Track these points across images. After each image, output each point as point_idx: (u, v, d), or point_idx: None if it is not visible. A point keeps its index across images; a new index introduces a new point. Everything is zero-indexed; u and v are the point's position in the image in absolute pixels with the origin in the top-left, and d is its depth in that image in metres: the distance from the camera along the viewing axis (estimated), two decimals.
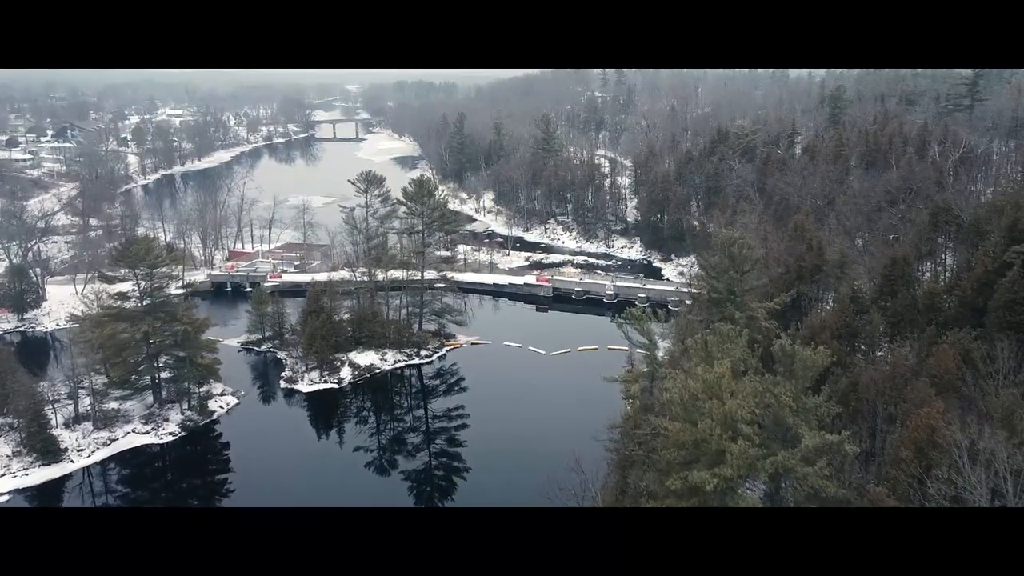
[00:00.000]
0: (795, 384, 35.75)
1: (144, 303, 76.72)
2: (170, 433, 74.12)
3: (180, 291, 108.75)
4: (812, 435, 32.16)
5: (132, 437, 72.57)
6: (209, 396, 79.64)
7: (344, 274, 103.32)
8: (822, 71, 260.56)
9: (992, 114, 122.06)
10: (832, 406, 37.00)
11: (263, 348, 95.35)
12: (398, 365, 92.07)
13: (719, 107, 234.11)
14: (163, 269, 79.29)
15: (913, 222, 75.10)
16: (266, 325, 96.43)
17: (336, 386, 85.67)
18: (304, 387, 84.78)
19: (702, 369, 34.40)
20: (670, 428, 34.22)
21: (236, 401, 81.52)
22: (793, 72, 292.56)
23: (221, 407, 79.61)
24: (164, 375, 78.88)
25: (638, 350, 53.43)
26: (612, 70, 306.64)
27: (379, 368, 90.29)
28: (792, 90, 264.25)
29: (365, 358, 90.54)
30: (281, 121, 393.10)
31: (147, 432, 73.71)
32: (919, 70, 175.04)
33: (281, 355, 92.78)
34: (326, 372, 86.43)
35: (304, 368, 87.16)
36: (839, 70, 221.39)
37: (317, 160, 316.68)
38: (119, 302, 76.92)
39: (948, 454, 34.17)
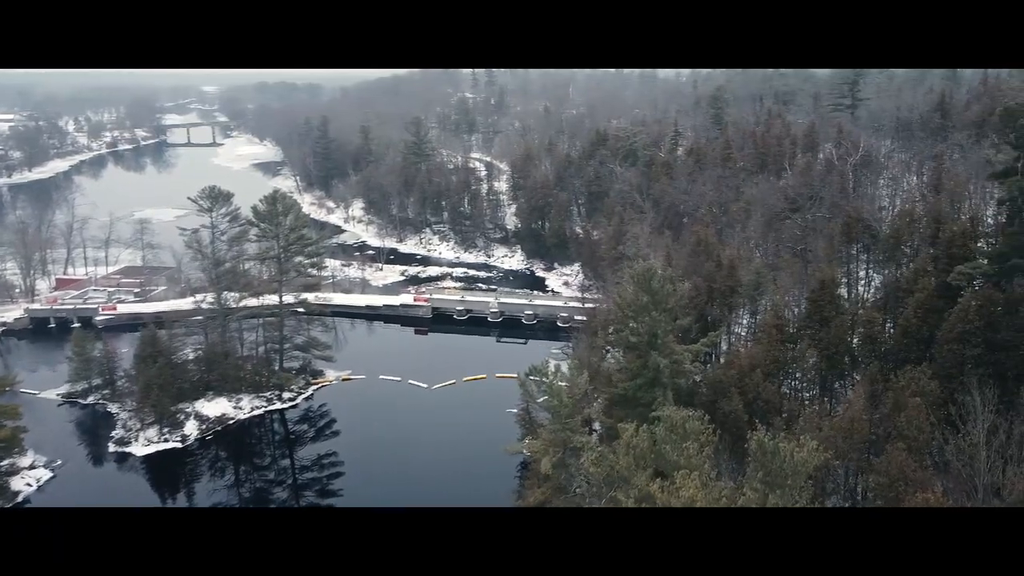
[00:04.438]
0: (783, 494, 27.24)
1: None
2: None
3: None
4: None
5: None
6: (13, 472, 64.30)
7: (188, 303, 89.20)
8: (687, 71, 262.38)
9: (875, 114, 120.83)
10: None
11: (90, 400, 79.91)
12: (256, 412, 79.11)
13: (593, 108, 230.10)
14: None
15: (821, 232, 69.62)
16: (93, 371, 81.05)
17: (180, 444, 71.95)
18: (139, 449, 70.63)
19: (658, 487, 25.23)
20: None
21: (50, 475, 66.40)
22: (662, 72, 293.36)
23: (29, 484, 64.38)
24: None
25: (544, 412, 44.04)
26: (482, 70, 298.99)
27: (233, 418, 77.11)
28: (663, 90, 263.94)
29: (216, 407, 77.10)
30: (128, 126, 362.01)
31: None
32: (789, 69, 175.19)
33: (113, 408, 77.81)
34: (167, 428, 72.55)
35: (139, 425, 72.85)
36: (707, 69, 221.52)
37: (169, 168, 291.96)
38: None
39: None
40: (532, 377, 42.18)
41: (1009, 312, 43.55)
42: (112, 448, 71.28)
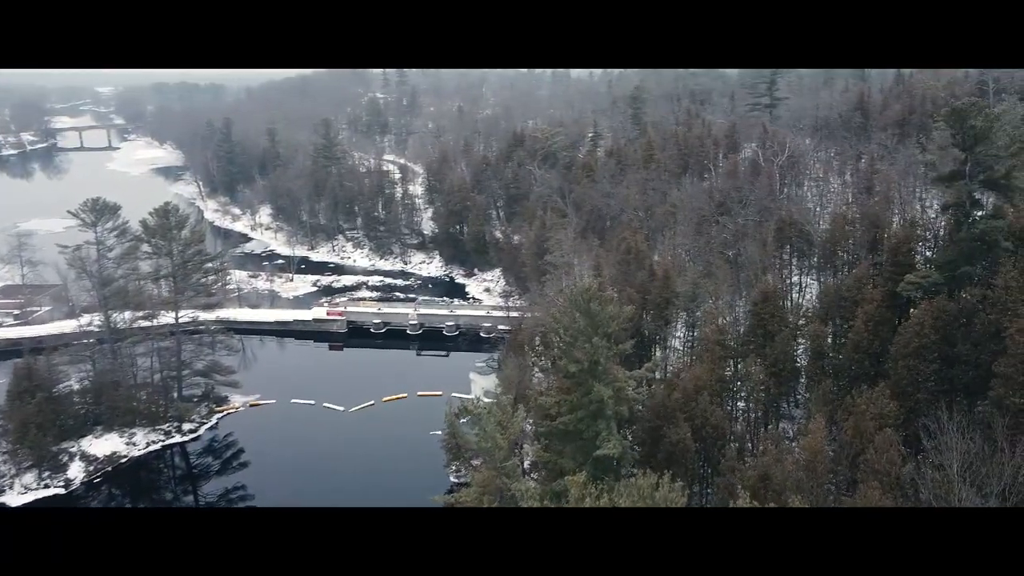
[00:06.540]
0: None
1: None
2: None
3: None
4: None
5: None
6: None
7: (75, 325, 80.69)
8: (599, 71, 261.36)
9: (795, 113, 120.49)
10: None
11: None
12: (153, 447, 71.75)
13: (508, 108, 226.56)
14: None
15: (752, 236, 67.12)
16: None
17: (63, 490, 64.02)
18: (14, 498, 62.34)
19: None
20: None
21: None
22: (575, 72, 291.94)
23: None
24: None
25: (477, 448, 39.20)
26: (393, 70, 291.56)
27: (126, 455, 69.60)
28: (577, 90, 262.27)
29: (105, 444, 69.41)
30: (13, 129, 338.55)
31: None
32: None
33: None
34: (47, 472, 64.54)
35: (14, 470, 64.54)
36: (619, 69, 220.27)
37: (60, 174, 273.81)
38: None
39: None
40: (462, 415, 37.53)
41: (963, 324, 41.38)
42: None
